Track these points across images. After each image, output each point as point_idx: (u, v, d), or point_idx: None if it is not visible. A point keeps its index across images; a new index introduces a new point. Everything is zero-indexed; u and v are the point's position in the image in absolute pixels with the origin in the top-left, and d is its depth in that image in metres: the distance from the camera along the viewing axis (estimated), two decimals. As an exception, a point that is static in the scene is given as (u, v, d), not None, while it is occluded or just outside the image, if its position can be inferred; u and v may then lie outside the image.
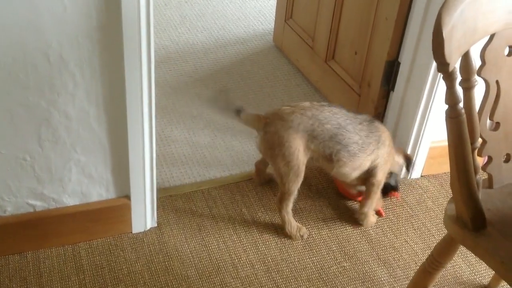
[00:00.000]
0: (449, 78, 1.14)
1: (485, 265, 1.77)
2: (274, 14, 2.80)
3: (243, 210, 1.95)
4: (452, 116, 1.17)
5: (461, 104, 1.17)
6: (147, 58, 1.52)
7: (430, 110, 1.96)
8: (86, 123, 1.58)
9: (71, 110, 1.53)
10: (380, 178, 1.84)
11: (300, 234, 1.86)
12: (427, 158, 2.11)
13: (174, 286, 1.69)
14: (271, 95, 2.51)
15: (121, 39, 1.45)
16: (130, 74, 1.52)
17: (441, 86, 1.87)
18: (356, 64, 2.24)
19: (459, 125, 1.17)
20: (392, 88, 2.08)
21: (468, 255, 1.85)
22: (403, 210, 2.01)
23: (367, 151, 1.78)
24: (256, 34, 2.92)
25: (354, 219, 1.94)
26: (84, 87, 1.50)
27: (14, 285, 1.64)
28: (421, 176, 2.12)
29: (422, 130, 2.02)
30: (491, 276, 1.77)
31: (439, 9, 1.10)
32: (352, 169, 1.79)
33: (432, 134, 2.04)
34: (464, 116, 1.17)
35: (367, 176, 1.84)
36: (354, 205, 1.99)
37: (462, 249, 1.87)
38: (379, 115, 2.16)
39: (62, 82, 1.47)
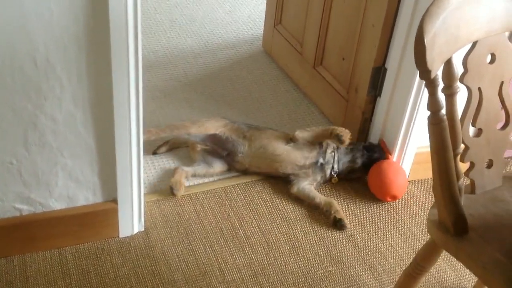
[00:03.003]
0: (431, 85, 1.15)
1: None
2: (264, 19, 2.81)
3: (230, 214, 1.96)
4: (434, 122, 1.19)
5: (443, 111, 1.19)
6: (135, 62, 1.53)
7: (416, 116, 1.98)
8: (73, 127, 1.58)
9: (58, 114, 1.54)
10: None
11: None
12: (413, 164, 2.12)
13: (161, 290, 1.70)
14: (259, 100, 2.52)
15: (108, 43, 1.46)
16: (118, 78, 1.52)
17: (427, 92, 1.89)
18: (344, 70, 2.25)
19: (441, 131, 1.19)
20: (379, 94, 2.10)
21: (453, 260, 1.87)
22: (389, 215, 2.03)
23: None
24: (245, 40, 2.93)
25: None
26: (71, 91, 1.51)
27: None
28: (408, 181, 2.14)
29: (408, 135, 2.04)
30: (475, 280, 1.78)
31: (422, 17, 1.12)
32: None
33: (418, 140, 2.06)
34: (446, 122, 1.19)
35: None
36: (343, 210, 2.00)
37: (447, 254, 1.88)
38: (366, 120, 2.18)
39: (49, 86, 1.47)
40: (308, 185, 2.04)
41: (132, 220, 1.83)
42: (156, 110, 2.37)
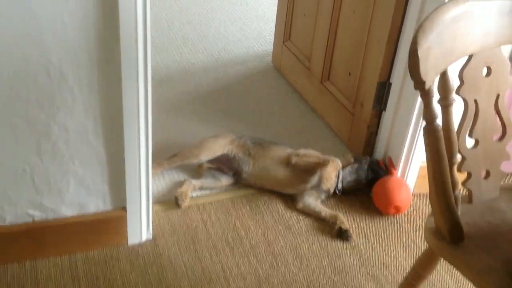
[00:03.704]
0: (426, 95, 1.20)
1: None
2: (273, 36, 2.88)
3: (236, 224, 2.00)
4: (430, 132, 1.23)
5: (438, 121, 1.23)
6: (144, 75, 1.59)
7: (420, 130, 2.02)
8: (84, 136, 1.64)
9: (70, 124, 1.60)
10: None
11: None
12: (417, 177, 2.16)
13: (167, 296, 1.74)
14: (268, 114, 2.57)
15: (119, 56, 1.52)
16: (127, 90, 1.58)
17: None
18: (350, 85, 2.30)
19: (436, 140, 1.22)
20: (384, 108, 2.15)
21: (455, 271, 1.88)
22: (393, 227, 2.06)
23: None
24: (255, 55, 3.00)
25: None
26: (83, 101, 1.57)
27: (11, 292, 1.70)
28: (412, 194, 2.17)
29: (413, 149, 2.08)
30: (477, 292, 1.81)
31: (415, 30, 1.16)
32: None
33: (422, 153, 2.09)
34: (441, 132, 1.23)
35: None
36: (348, 221, 2.04)
37: (449, 265, 1.91)
38: (372, 134, 2.22)
39: (61, 96, 1.54)
40: (313, 201, 2.08)
41: (140, 228, 1.88)
42: (166, 122, 2.43)
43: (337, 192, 2.11)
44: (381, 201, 2.10)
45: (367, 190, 2.14)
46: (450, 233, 1.28)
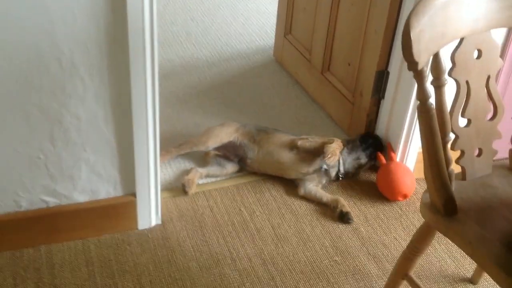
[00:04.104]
0: (419, 76, 1.27)
1: (470, 260, 1.89)
2: (275, 30, 2.95)
3: (241, 209, 2.08)
4: (423, 111, 1.30)
5: (431, 100, 1.30)
6: (151, 64, 1.66)
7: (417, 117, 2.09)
8: (95, 124, 1.72)
9: (81, 112, 1.68)
10: None
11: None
12: (416, 162, 2.23)
13: (177, 276, 1.81)
14: (270, 105, 2.65)
15: (127, 46, 1.60)
16: (136, 79, 1.66)
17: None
18: (349, 75, 2.38)
19: (429, 119, 1.30)
20: (383, 96, 2.22)
21: (453, 250, 1.97)
22: (393, 210, 2.13)
23: None
24: (257, 49, 3.07)
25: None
26: (93, 90, 1.65)
27: (28, 275, 1.77)
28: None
29: (411, 135, 2.15)
30: (474, 269, 1.88)
31: (408, 14, 1.24)
32: None
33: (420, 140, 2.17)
34: (434, 111, 1.30)
35: None
36: (349, 206, 2.11)
37: (448, 245, 1.98)
38: (371, 122, 2.30)
39: (73, 85, 1.62)
40: (314, 187, 2.15)
41: (150, 213, 1.95)
42: (172, 115, 2.51)
43: (340, 176, 2.19)
44: (389, 190, 2.16)
45: (372, 162, 2.23)
46: (444, 206, 1.36)
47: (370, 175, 2.27)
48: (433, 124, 1.30)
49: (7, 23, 1.48)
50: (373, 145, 2.22)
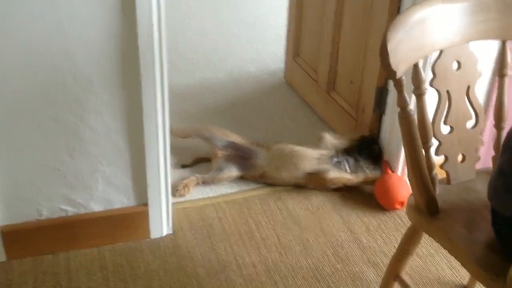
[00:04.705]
0: (397, 84, 1.38)
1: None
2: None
3: (248, 220, 2.19)
4: (403, 117, 1.41)
5: (410, 107, 1.41)
6: (160, 80, 1.80)
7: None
8: (109, 136, 1.86)
9: (95, 124, 1.83)
10: None
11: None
12: (417, 175, 2.32)
13: (185, 281, 1.92)
14: (280, 123, 2.78)
15: (138, 63, 1.74)
16: (146, 94, 1.80)
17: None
18: (352, 93, 2.50)
19: (409, 124, 1.41)
20: (383, 112, 2.33)
21: (452, 261, 2.04)
22: (393, 221, 2.22)
23: None
24: (270, 72, 3.22)
25: (350, 229, 2.17)
26: (106, 104, 1.79)
27: (47, 279, 1.90)
28: (410, 194, 2.32)
29: (411, 149, 2.24)
30: (469, 277, 1.95)
31: (385, 29, 1.36)
32: None
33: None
34: (414, 117, 1.41)
35: None
36: (352, 217, 2.21)
37: (447, 255, 2.06)
38: (374, 136, 2.40)
39: (88, 99, 1.77)
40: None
41: (161, 223, 2.08)
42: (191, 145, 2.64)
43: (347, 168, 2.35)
44: (386, 199, 2.26)
45: (378, 152, 2.37)
46: (426, 206, 1.45)
47: (372, 187, 2.37)
48: (412, 128, 1.41)
49: (28, 44, 1.64)
50: (367, 140, 2.38)
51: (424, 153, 1.47)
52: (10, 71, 1.67)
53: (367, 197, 2.33)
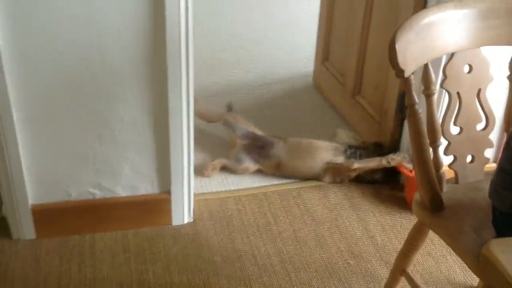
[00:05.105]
0: (406, 83, 1.44)
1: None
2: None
3: (267, 214, 2.27)
4: (411, 115, 1.47)
5: (417, 106, 1.46)
6: (186, 74, 1.90)
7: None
8: (136, 126, 1.97)
9: (125, 115, 1.94)
10: None
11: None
12: (435, 179, 2.36)
13: (202, 267, 2.01)
14: (306, 125, 2.85)
15: (165, 58, 1.85)
16: (173, 86, 1.90)
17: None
18: (377, 97, 2.55)
19: (417, 122, 1.46)
20: (405, 117, 2.37)
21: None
22: (409, 221, 2.26)
23: None
24: (299, 75, 3.29)
25: (366, 227, 2.22)
26: (135, 96, 1.90)
27: (72, 257, 2.02)
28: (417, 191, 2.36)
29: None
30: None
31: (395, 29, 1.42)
32: None
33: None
34: (420, 115, 1.47)
35: None
36: (368, 216, 2.27)
37: (455, 256, 2.09)
38: (395, 141, 2.45)
39: (117, 91, 1.88)
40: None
41: (183, 211, 2.17)
42: (213, 129, 2.74)
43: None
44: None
45: (387, 182, 2.41)
46: (430, 202, 1.50)
47: (388, 187, 2.42)
48: (420, 125, 1.46)
49: (62, 38, 1.77)
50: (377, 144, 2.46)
51: (432, 151, 1.52)
52: (45, 62, 1.80)
53: (385, 198, 2.38)
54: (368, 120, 2.63)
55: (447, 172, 1.57)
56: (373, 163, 2.37)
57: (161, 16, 1.78)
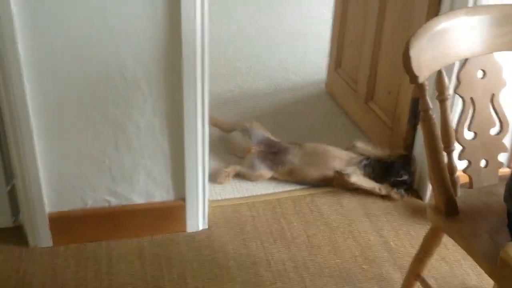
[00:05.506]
0: (420, 88, 1.45)
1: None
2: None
3: (281, 220, 2.28)
4: (425, 120, 1.48)
5: (431, 112, 1.48)
6: (201, 82, 1.93)
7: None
8: (152, 133, 1.99)
9: (141, 121, 1.96)
10: None
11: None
12: (449, 185, 2.36)
13: (217, 273, 2.03)
14: (319, 131, 2.86)
15: (181, 66, 1.87)
16: (188, 94, 1.92)
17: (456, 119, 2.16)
18: (389, 103, 2.56)
19: (431, 127, 1.47)
20: (418, 122, 2.38)
21: (478, 267, 2.06)
22: (422, 227, 2.26)
23: None
24: (311, 82, 3.31)
25: (379, 233, 2.23)
26: (151, 103, 1.93)
27: (89, 264, 2.04)
28: (431, 195, 2.36)
29: (444, 159, 2.29)
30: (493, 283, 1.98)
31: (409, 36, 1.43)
32: None
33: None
34: (434, 120, 1.48)
35: None
36: (382, 222, 2.28)
37: (473, 262, 2.09)
38: (408, 146, 2.46)
39: (134, 97, 1.90)
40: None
41: (197, 218, 2.19)
42: (226, 137, 2.76)
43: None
44: None
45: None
46: (445, 206, 1.51)
47: (409, 200, 2.42)
48: (434, 131, 1.48)
49: (82, 47, 1.80)
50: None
51: (446, 156, 1.53)
52: (62, 71, 1.83)
53: (397, 203, 2.39)
54: (381, 126, 2.64)
55: (461, 177, 1.58)
56: (369, 185, 2.39)
57: (177, 23, 1.80)
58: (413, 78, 1.43)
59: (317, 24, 3.93)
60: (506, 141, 1.63)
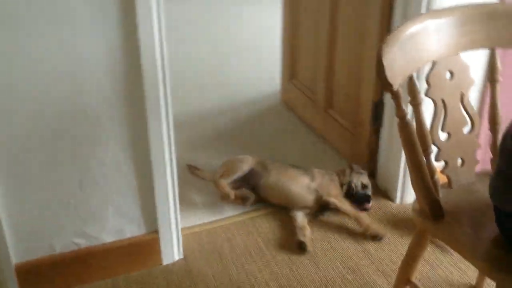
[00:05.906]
0: (395, 96, 1.44)
1: (473, 268, 2.01)
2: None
3: (257, 239, 2.24)
4: (402, 126, 1.47)
5: (408, 116, 1.47)
6: (165, 113, 1.87)
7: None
8: (118, 168, 1.91)
9: (106, 158, 1.88)
10: None
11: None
12: (418, 184, 2.37)
13: (200, 304, 1.96)
14: (280, 144, 2.84)
15: (144, 99, 1.81)
16: (152, 126, 1.86)
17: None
18: (350, 109, 2.56)
19: (409, 133, 1.47)
20: (381, 125, 2.39)
21: (458, 262, 2.09)
22: (399, 229, 2.27)
23: None
24: (266, 95, 3.30)
25: (357, 241, 2.22)
26: (115, 137, 1.85)
27: (65, 312, 1.94)
28: (414, 200, 2.37)
29: (410, 159, 2.30)
30: (476, 277, 2.00)
31: (379, 45, 1.42)
32: None
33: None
34: (412, 126, 1.47)
35: None
36: (355, 228, 2.26)
37: (452, 257, 2.11)
38: (373, 151, 2.46)
39: (97, 133, 1.82)
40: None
41: (172, 249, 2.11)
42: (191, 158, 2.69)
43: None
44: None
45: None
46: (431, 210, 1.50)
47: (380, 203, 2.42)
48: (412, 137, 1.47)
49: (39, 90, 1.71)
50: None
51: (425, 159, 1.53)
52: (22, 114, 1.73)
53: (371, 210, 2.39)
54: (343, 133, 2.64)
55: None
56: (347, 208, 2.32)
57: (136, 59, 1.75)
58: (387, 86, 1.42)
59: (267, 34, 3.92)
60: (481, 138, 1.65)
